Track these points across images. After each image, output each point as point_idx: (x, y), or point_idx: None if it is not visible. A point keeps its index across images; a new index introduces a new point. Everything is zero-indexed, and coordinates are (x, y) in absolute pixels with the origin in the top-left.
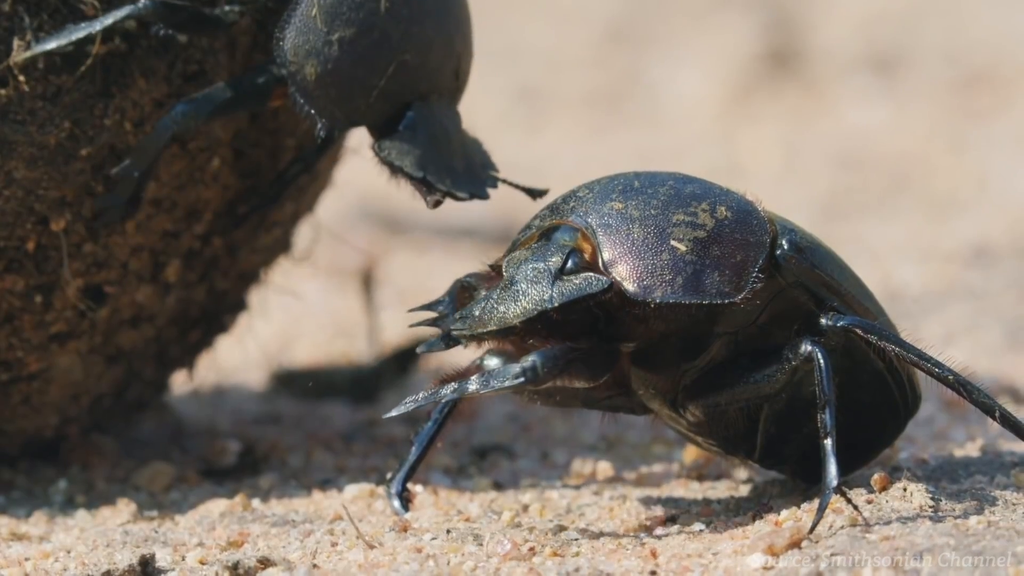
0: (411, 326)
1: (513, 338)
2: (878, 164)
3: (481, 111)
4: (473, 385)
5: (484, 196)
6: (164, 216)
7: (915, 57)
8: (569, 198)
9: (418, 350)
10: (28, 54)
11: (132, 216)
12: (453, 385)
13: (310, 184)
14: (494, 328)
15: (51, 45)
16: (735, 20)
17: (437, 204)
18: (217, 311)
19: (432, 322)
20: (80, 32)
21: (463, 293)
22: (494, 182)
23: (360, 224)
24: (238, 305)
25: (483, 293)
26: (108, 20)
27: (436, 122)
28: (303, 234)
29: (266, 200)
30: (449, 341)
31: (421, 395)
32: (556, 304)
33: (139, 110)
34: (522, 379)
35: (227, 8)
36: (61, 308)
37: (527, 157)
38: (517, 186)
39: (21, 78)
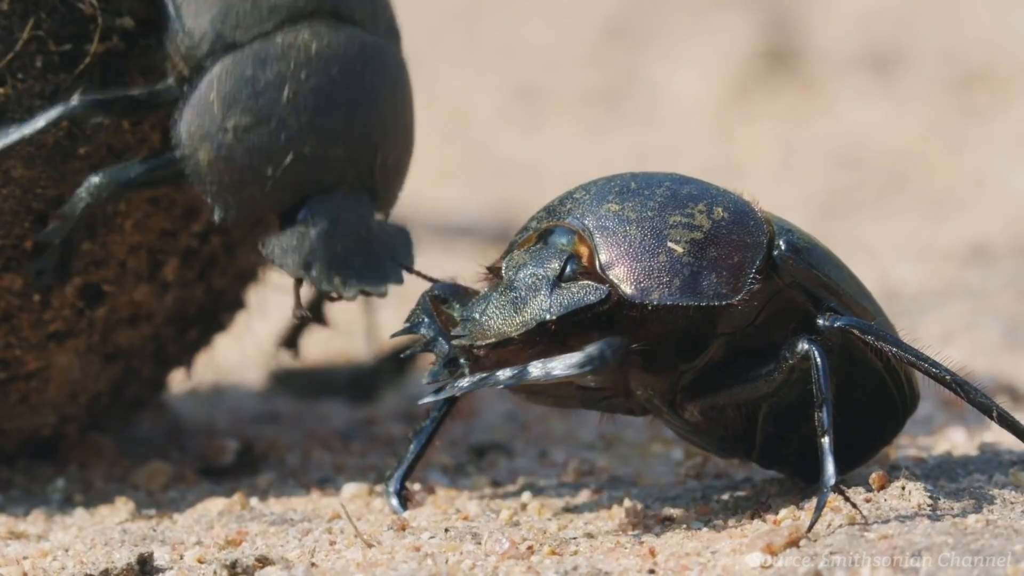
0: (403, 356)
1: (512, 348)
2: (876, 163)
3: (479, 109)
4: (534, 371)
5: (381, 293)
6: (162, 215)
7: (913, 56)
8: (566, 199)
9: (423, 381)
10: None
11: (66, 279)
12: (509, 371)
13: None
14: (493, 341)
15: None
16: (733, 18)
17: (302, 319)
18: (215, 310)
19: (423, 348)
20: (13, 137)
21: (437, 307)
22: (399, 275)
23: None
24: (236, 304)
25: (483, 292)
26: (40, 123)
27: (333, 217)
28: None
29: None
30: (451, 366)
31: (475, 378)
32: (554, 316)
33: None
34: (589, 367)
35: (169, 84)
36: (59, 307)
37: (525, 155)
38: (426, 277)
39: (19, 76)
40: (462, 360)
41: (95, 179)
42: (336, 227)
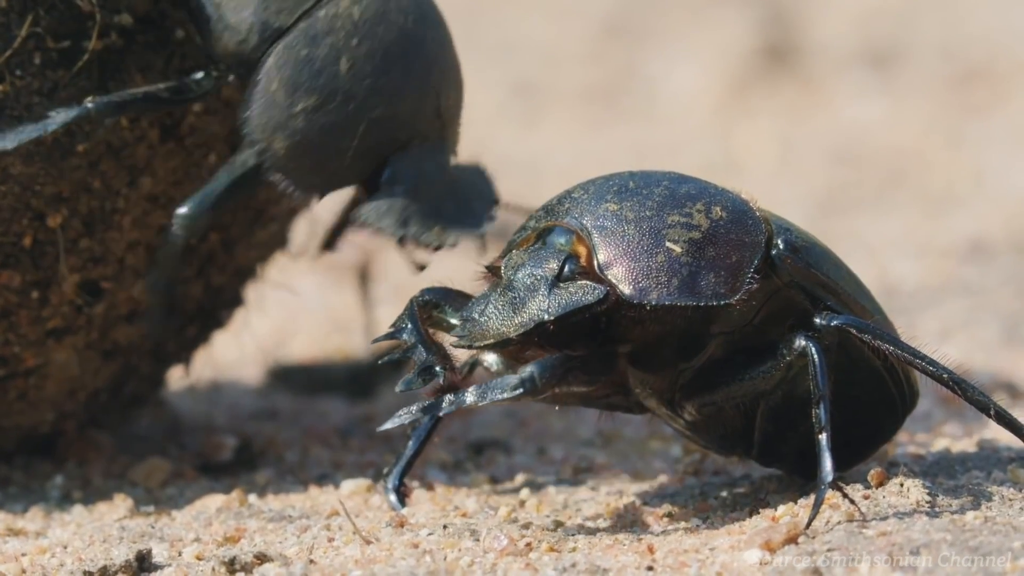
0: (381, 362)
1: (511, 348)
2: (874, 159)
3: (478, 106)
4: (470, 397)
5: (480, 234)
6: (160, 212)
7: (912, 52)
8: (564, 199)
9: (397, 390)
10: None
11: (178, 324)
12: (450, 397)
13: None
14: (491, 342)
15: (8, 145)
16: (732, 15)
17: (422, 268)
18: (213, 306)
19: (402, 355)
20: (29, 135)
21: (423, 312)
22: (491, 216)
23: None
24: (234, 300)
25: (482, 292)
26: (56, 124)
27: (416, 171)
28: (299, 229)
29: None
30: (426, 376)
31: (416, 407)
32: (552, 317)
33: None
34: (520, 391)
35: (198, 77)
36: (58, 304)
37: (523, 152)
38: (519, 209)
39: (18, 73)
40: (437, 369)
41: (183, 210)
42: (421, 180)
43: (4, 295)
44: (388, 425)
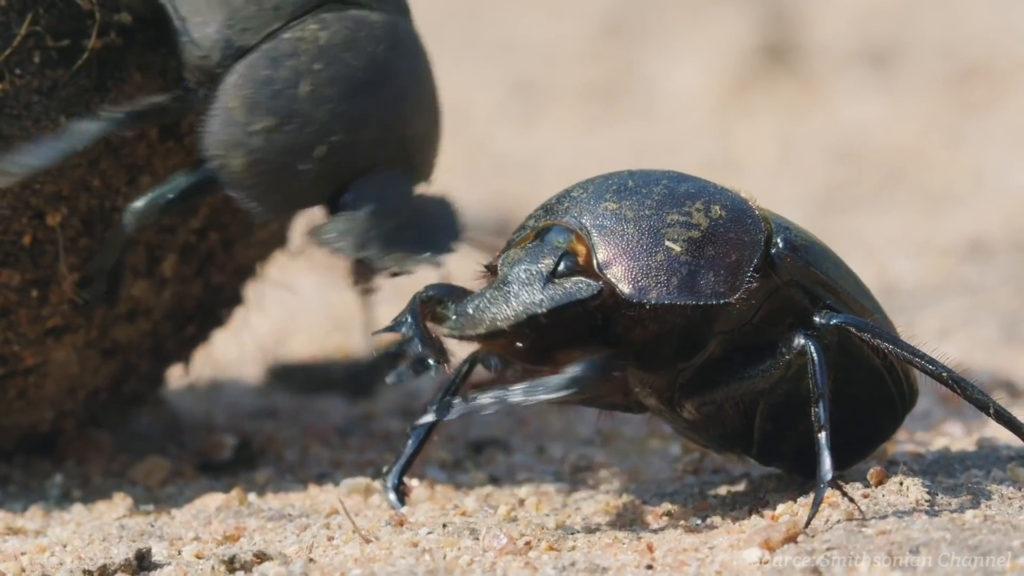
0: (377, 354)
1: (502, 341)
2: (874, 158)
3: (477, 104)
4: (517, 396)
5: (437, 263)
6: None
7: (911, 51)
8: (563, 198)
9: (388, 380)
10: (15, 174)
11: (115, 303)
12: (496, 394)
13: None
14: (483, 331)
15: (36, 162)
16: (731, 14)
17: (367, 292)
18: (213, 305)
19: (399, 347)
20: (63, 149)
21: (424, 308)
22: (453, 248)
23: None
24: (234, 299)
25: (478, 289)
26: (84, 141)
27: (378, 196)
28: (299, 228)
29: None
30: (419, 368)
31: (466, 402)
32: (545, 310)
33: None
34: (573, 389)
35: (191, 87)
36: (57, 302)
37: (523, 151)
38: (481, 245)
39: (17, 71)
40: (431, 362)
41: (135, 205)
42: (382, 205)
43: (3, 293)
44: (422, 421)
